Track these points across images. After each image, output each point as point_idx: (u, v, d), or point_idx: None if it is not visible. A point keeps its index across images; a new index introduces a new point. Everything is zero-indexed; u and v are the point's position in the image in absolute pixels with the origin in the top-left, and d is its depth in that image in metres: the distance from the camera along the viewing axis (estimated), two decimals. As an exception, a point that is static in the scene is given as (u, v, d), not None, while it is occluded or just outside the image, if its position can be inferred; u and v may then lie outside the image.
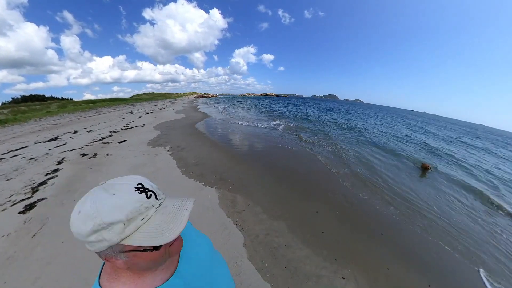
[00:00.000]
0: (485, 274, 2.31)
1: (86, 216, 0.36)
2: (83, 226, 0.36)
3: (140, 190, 0.40)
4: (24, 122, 10.70)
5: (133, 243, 0.38)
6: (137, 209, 0.38)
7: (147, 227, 0.38)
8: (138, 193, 0.40)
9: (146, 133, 7.68)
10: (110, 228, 0.36)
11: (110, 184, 0.40)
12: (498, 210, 4.04)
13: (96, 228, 0.35)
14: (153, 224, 0.39)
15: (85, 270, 1.85)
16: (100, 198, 0.37)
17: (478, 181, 5.72)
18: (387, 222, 3.05)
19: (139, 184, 0.41)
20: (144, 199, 0.40)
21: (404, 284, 2.03)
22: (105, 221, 0.35)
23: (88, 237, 0.36)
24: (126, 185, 0.40)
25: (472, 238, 2.98)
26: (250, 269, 1.99)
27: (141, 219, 0.38)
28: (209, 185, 3.60)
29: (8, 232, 2.29)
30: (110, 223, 0.36)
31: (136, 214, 0.38)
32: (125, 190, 0.39)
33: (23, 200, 2.97)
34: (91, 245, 0.38)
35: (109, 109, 19.68)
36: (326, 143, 8.02)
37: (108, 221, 0.36)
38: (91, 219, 0.35)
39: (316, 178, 4.40)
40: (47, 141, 6.42)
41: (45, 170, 4.01)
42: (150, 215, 0.39)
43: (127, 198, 0.38)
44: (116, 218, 0.36)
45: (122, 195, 0.38)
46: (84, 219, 0.36)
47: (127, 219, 0.37)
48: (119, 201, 0.37)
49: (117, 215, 0.36)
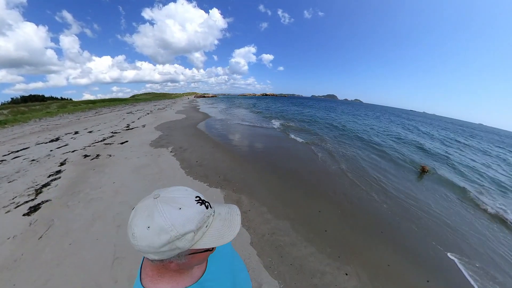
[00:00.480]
0: (470, 274, 2.31)
1: (160, 230, 0.39)
2: (158, 239, 0.39)
3: (200, 202, 0.45)
4: (24, 122, 10.63)
5: (199, 246, 0.44)
6: (202, 219, 0.44)
7: (211, 232, 0.45)
8: (199, 205, 0.45)
9: (147, 133, 7.67)
10: (183, 238, 0.41)
11: (169, 198, 0.43)
12: (496, 219, 3.95)
13: (172, 240, 0.40)
14: (215, 228, 0.46)
15: (94, 271, 1.87)
16: (169, 212, 0.41)
17: (468, 181, 5.72)
18: (387, 221, 3.10)
19: (197, 196, 0.47)
20: (205, 209, 0.45)
21: (404, 280, 2.09)
22: (180, 233, 0.40)
23: (161, 248, 0.40)
24: (186, 198, 0.45)
25: (465, 239, 3.03)
26: (259, 267, 2.04)
27: (205, 226, 0.44)
28: (213, 186, 3.63)
29: (13, 235, 2.30)
30: (184, 234, 0.41)
31: (202, 223, 0.44)
32: (189, 204, 0.44)
33: (27, 202, 2.97)
34: (161, 254, 0.41)
35: (109, 109, 19.60)
36: (325, 143, 8.09)
37: (183, 232, 0.40)
38: (166, 233, 0.39)
39: (317, 178, 4.44)
40: (48, 142, 6.40)
41: (47, 172, 4.01)
42: (210, 222, 0.46)
43: (193, 210, 0.43)
44: (189, 229, 0.41)
45: (189, 209, 0.43)
46: (158, 233, 0.39)
47: (197, 228, 0.42)
48: (188, 214, 0.42)
49: (189, 226, 0.41)
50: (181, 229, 0.40)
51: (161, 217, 0.40)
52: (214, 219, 0.47)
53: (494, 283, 2.23)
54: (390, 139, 10.57)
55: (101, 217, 2.63)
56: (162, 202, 0.42)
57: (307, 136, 9.11)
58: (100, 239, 2.25)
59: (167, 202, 0.42)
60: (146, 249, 0.40)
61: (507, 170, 7.46)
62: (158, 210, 0.40)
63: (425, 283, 2.08)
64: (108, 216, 2.65)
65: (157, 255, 0.41)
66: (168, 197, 0.43)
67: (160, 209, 0.41)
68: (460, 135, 18.93)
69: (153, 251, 0.40)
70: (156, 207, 0.41)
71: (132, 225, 0.41)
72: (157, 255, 0.41)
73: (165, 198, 0.43)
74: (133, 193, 3.23)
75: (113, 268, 1.91)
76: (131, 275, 1.85)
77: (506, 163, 8.87)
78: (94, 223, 2.50)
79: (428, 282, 2.10)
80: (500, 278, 2.30)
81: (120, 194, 3.20)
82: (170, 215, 0.40)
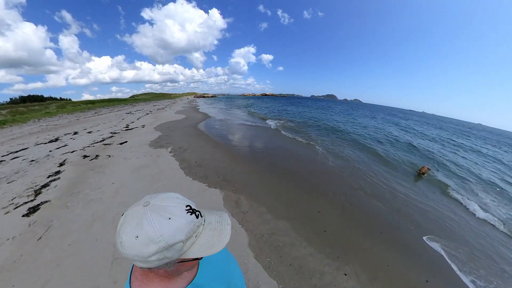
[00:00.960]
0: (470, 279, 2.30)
1: (149, 241, 0.39)
2: (146, 249, 0.39)
3: (190, 212, 0.44)
4: (23, 123, 10.60)
5: (188, 256, 0.44)
6: (192, 229, 0.43)
7: (200, 241, 0.45)
8: (189, 215, 0.44)
9: (147, 134, 7.66)
10: (171, 248, 0.40)
11: (159, 206, 0.42)
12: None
13: (160, 250, 0.39)
14: (205, 238, 0.45)
15: (94, 272, 1.88)
16: (159, 222, 0.40)
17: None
18: (386, 221, 3.11)
19: (187, 205, 0.45)
20: (195, 219, 0.44)
21: (403, 280, 2.09)
22: (169, 244, 0.40)
23: (149, 258, 0.39)
24: (176, 207, 0.44)
25: (457, 238, 3.04)
26: (257, 267, 2.04)
27: (195, 236, 0.44)
28: (213, 186, 3.63)
29: (12, 236, 2.29)
30: (173, 244, 0.40)
31: (192, 233, 0.43)
32: (179, 214, 0.43)
33: (26, 202, 2.97)
34: (149, 263, 0.41)
35: (108, 109, 19.57)
36: (324, 143, 8.10)
37: (172, 243, 0.40)
38: (155, 244, 0.39)
39: (316, 178, 4.45)
40: (47, 142, 6.39)
41: (47, 172, 4.00)
42: (200, 232, 0.46)
43: (183, 221, 0.42)
44: (178, 239, 0.41)
45: (178, 219, 0.42)
46: (147, 243, 0.39)
47: (186, 238, 0.42)
48: (177, 224, 0.41)
49: (178, 237, 0.41)
50: (170, 240, 0.39)
51: (150, 227, 0.39)
52: (204, 229, 0.46)
53: (489, 283, 2.23)
54: (386, 139, 10.59)
55: (100, 217, 2.63)
56: (151, 211, 0.41)
57: (305, 136, 9.12)
58: (100, 240, 2.25)
59: (157, 211, 0.41)
60: (135, 258, 0.40)
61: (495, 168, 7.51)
62: (147, 219, 0.40)
63: (424, 283, 2.09)
64: (108, 216, 2.65)
65: (145, 264, 0.41)
66: (157, 206, 0.42)
67: (149, 218, 0.40)
68: (454, 134, 19.06)
69: (141, 260, 0.40)
70: (146, 216, 0.40)
71: (120, 233, 0.40)
72: (145, 264, 0.41)
73: (154, 206, 0.42)
74: (132, 194, 3.23)
75: (112, 269, 1.91)
76: (130, 275, 1.85)
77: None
78: (93, 224, 2.50)
79: (427, 282, 2.10)
80: (499, 282, 2.28)
81: (119, 195, 3.20)
82: (159, 225, 0.39)
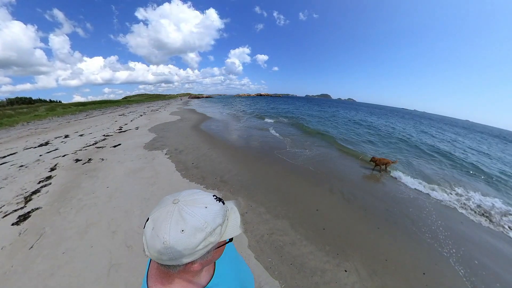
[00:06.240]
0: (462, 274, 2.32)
1: (195, 230, 0.42)
2: (194, 239, 0.42)
3: (218, 200, 0.50)
4: (10, 126, 10.20)
5: (224, 238, 0.48)
6: (224, 214, 0.49)
7: (230, 223, 0.50)
8: (219, 202, 0.49)
9: (141, 136, 7.51)
10: (213, 233, 0.45)
11: (192, 200, 0.46)
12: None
13: (206, 236, 0.43)
14: (232, 220, 0.51)
15: (90, 280, 1.82)
16: (199, 212, 0.44)
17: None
18: (383, 217, 3.16)
19: (214, 195, 0.51)
20: (223, 205, 0.50)
21: (401, 273, 2.14)
22: (213, 228, 0.44)
23: (197, 247, 0.42)
24: (206, 197, 0.48)
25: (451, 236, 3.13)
26: (259, 268, 2.03)
27: (226, 219, 0.49)
28: (211, 188, 3.60)
29: (2, 246, 2.20)
30: (215, 228, 0.45)
31: (224, 217, 0.48)
32: (211, 202, 0.47)
33: (16, 210, 2.86)
34: (196, 254, 0.43)
35: (100, 111, 19.09)
36: (323, 143, 8.16)
37: (214, 226, 0.44)
38: (201, 231, 0.42)
39: (315, 177, 4.47)
40: (37, 146, 6.17)
41: (37, 178, 3.86)
42: (228, 216, 0.51)
43: (217, 207, 0.47)
44: (217, 223, 0.45)
45: (213, 206, 0.47)
46: (193, 233, 0.42)
47: (222, 222, 0.47)
48: (214, 210, 0.46)
49: (218, 221, 0.45)
50: (213, 224, 0.44)
51: (193, 217, 0.42)
52: (230, 213, 0.52)
53: (482, 278, 2.25)
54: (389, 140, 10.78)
55: (95, 223, 2.55)
56: (187, 205, 0.44)
57: (303, 136, 9.17)
58: (95, 246, 2.19)
59: (191, 204, 0.45)
60: (181, 253, 0.41)
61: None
62: (187, 213, 0.43)
63: (421, 275, 2.14)
64: (103, 222, 2.58)
65: (191, 257, 0.43)
66: (189, 200, 0.46)
67: (189, 211, 0.43)
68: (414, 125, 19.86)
69: (189, 252, 0.42)
70: (184, 210, 0.43)
71: (159, 235, 0.40)
72: (191, 257, 0.43)
73: (186, 201, 0.46)
74: (127, 198, 3.15)
75: (110, 276, 1.85)
76: (128, 282, 1.80)
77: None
78: (88, 230, 2.43)
79: (424, 274, 2.16)
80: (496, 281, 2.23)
81: (114, 199, 3.11)
82: (201, 214, 0.43)
